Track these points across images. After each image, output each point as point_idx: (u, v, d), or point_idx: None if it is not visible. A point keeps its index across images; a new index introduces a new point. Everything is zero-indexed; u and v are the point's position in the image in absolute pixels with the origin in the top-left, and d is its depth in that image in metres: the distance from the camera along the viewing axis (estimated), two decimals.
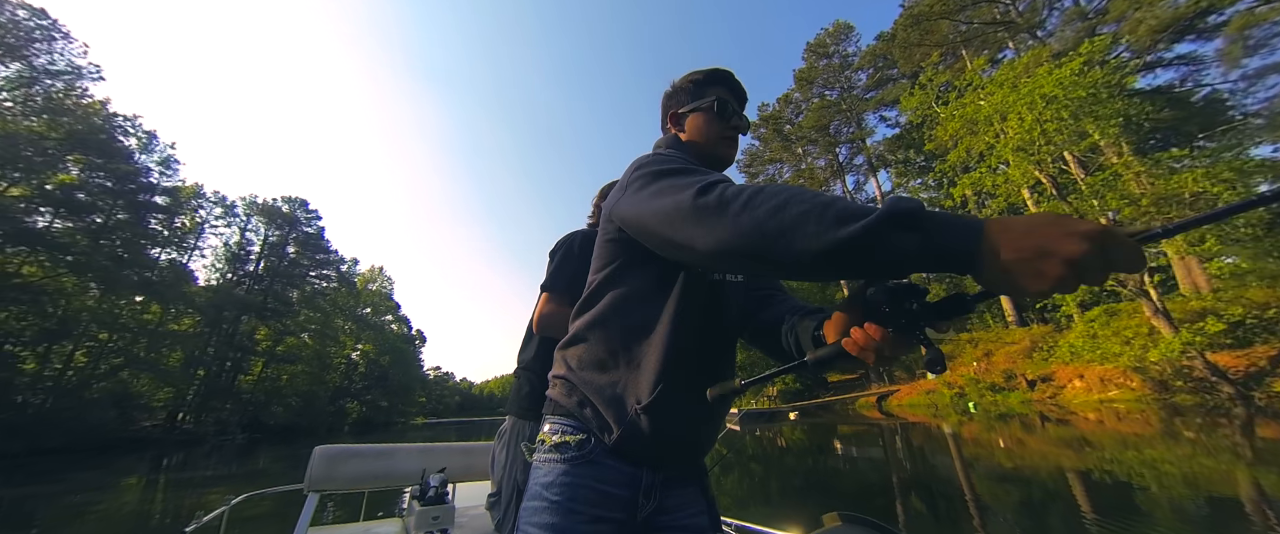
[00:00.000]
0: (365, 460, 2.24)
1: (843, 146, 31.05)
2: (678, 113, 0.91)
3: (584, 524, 0.67)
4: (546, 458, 0.74)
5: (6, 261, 19.45)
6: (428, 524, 1.92)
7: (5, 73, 19.03)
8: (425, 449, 2.41)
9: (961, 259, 0.43)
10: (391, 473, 2.27)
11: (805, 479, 7.31)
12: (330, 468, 2.17)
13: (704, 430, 0.80)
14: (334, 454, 2.22)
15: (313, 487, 2.11)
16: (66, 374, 22.44)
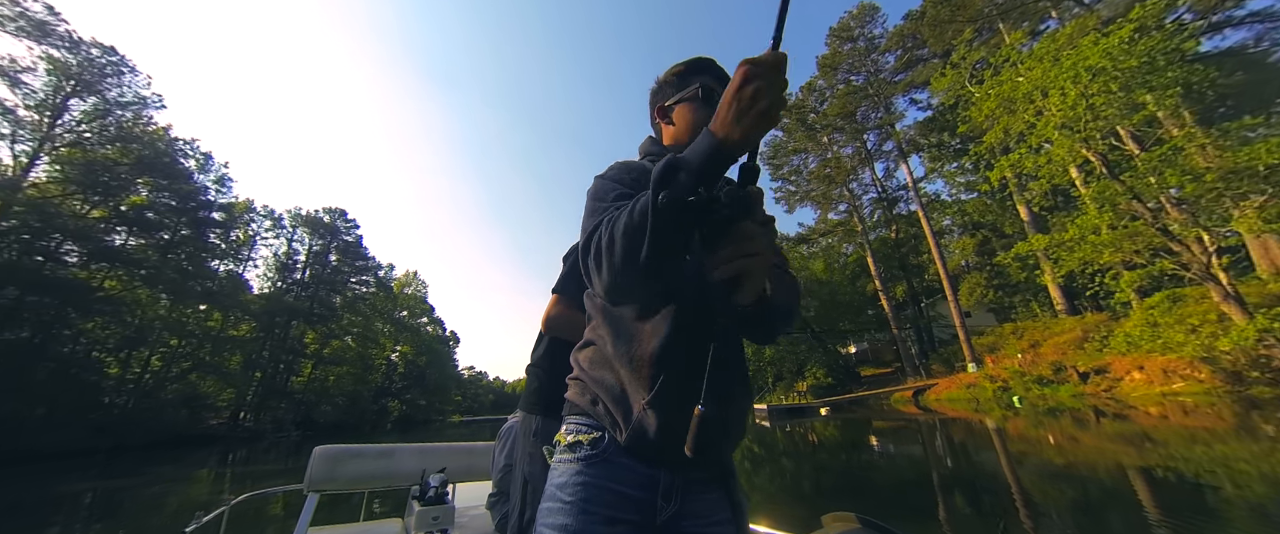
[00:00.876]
0: (365, 461, 2.22)
1: (871, 133, 29.92)
2: (665, 106, 0.90)
3: (598, 525, 0.65)
4: (561, 459, 0.74)
5: (91, 276, 21.54)
6: (428, 524, 1.90)
7: (83, 106, 21.01)
8: (425, 449, 2.39)
9: (715, 156, 0.55)
10: (391, 473, 2.25)
11: (839, 476, 7.16)
12: (330, 468, 2.15)
13: (715, 428, 0.71)
14: (334, 454, 2.20)
15: (313, 487, 2.10)
16: (144, 377, 24.66)
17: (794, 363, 29.52)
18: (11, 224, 18.80)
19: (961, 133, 16.98)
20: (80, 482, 10.97)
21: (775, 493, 6.12)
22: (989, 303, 26.17)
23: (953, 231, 30.57)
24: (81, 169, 20.54)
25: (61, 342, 20.75)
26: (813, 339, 28.99)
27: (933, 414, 14.87)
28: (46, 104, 19.90)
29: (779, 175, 32.97)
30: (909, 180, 26.53)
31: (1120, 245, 10.80)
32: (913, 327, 29.00)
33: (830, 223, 31.60)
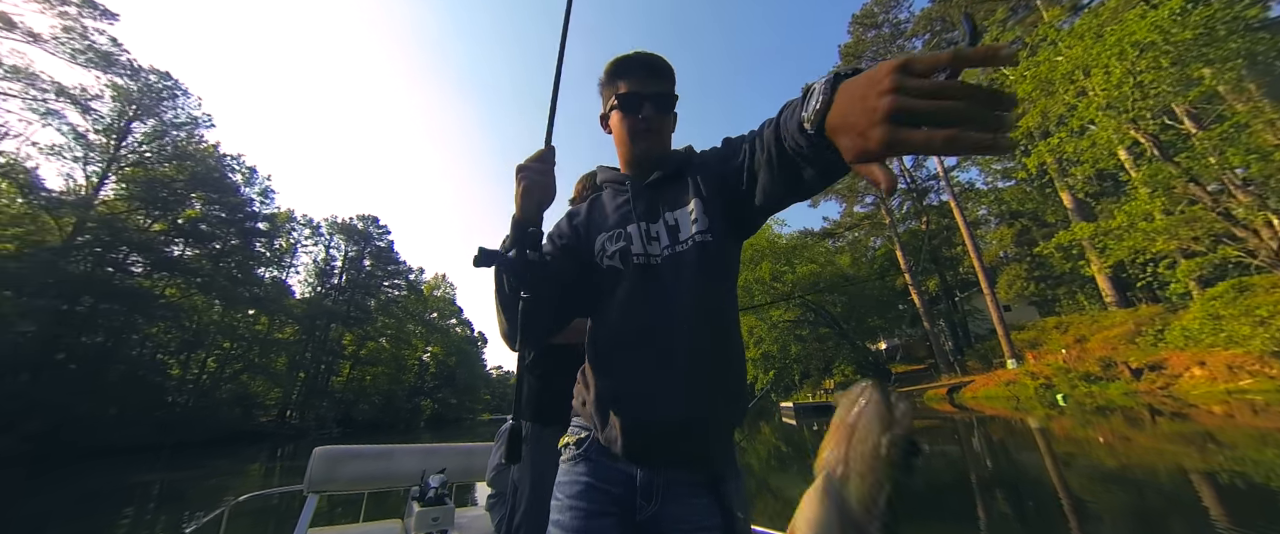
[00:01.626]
0: (365, 461, 2.21)
1: None
2: (603, 116, 0.91)
3: (584, 520, 0.69)
4: (562, 459, 0.79)
5: (154, 285, 23.31)
6: (428, 525, 1.90)
7: (144, 128, 22.74)
8: (425, 450, 2.39)
9: (517, 232, 0.78)
10: (391, 474, 2.24)
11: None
12: (330, 469, 2.14)
13: (675, 422, 0.71)
14: (334, 455, 2.18)
15: (313, 487, 2.09)
16: (202, 378, 26.52)
17: (821, 360, 28.87)
18: (86, 239, 20.55)
19: None
20: (149, 473, 11.94)
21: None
22: (1030, 296, 24.84)
23: (989, 222, 29.16)
24: (144, 186, 22.27)
25: (130, 345, 22.57)
26: (840, 336, 28.27)
27: (969, 412, 14.28)
28: (113, 128, 21.65)
29: None
30: (939, 170, 25.48)
31: (1176, 232, 10.06)
32: (946, 321, 27.85)
33: (856, 216, 30.71)
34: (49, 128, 18.80)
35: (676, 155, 0.88)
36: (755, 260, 29.62)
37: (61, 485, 10.34)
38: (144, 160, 22.78)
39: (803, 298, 28.47)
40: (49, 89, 18.06)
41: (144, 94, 21.93)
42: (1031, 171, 12.71)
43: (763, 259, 29.32)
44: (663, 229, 0.80)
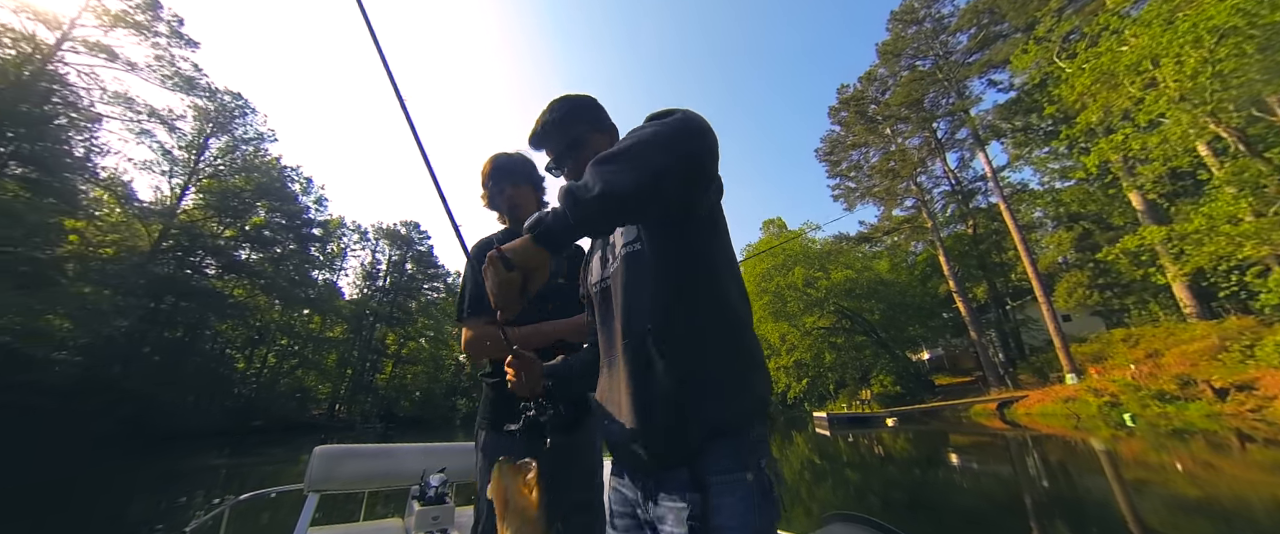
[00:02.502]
0: (365, 460, 2.20)
1: (941, 121, 27.44)
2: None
3: (617, 520, 0.79)
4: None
5: (224, 286, 25.58)
6: (428, 524, 1.89)
7: (218, 144, 25.12)
8: (425, 449, 2.37)
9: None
10: (391, 473, 2.23)
11: (912, 492, 6.68)
12: (330, 468, 2.12)
13: (632, 433, 0.71)
14: (334, 454, 2.16)
15: (313, 487, 2.08)
16: (263, 371, 28.78)
17: (857, 369, 27.73)
18: (169, 244, 22.85)
19: (1050, 114, 15.10)
20: (217, 458, 13.11)
21: (839, 507, 5.88)
22: (1093, 305, 22.87)
23: (1045, 225, 27.11)
24: (218, 196, 24.56)
25: (204, 340, 24.85)
26: (877, 344, 27.07)
27: (1022, 430, 13.31)
28: (193, 144, 24.05)
29: (836, 173, 31.31)
30: (988, 170, 24.01)
31: (1268, 236, 9.03)
32: (996, 332, 26.10)
33: (895, 220, 29.37)
34: (142, 145, 21.14)
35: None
36: (787, 266, 28.91)
37: (148, 465, 11.54)
38: (218, 173, 25.17)
39: (838, 304, 27.51)
40: (143, 111, 20.32)
41: (219, 113, 24.27)
42: (1091, 171, 11.76)
43: (795, 264, 28.59)
44: (609, 249, 0.83)
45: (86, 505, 6.71)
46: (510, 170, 1.45)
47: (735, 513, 0.61)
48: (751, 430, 0.69)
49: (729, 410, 0.68)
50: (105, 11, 18.52)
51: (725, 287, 0.75)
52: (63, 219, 16.65)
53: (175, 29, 20.17)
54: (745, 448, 0.67)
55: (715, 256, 0.75)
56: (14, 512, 6.38)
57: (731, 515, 0.61)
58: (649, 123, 0.65)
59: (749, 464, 0.65)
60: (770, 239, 33.84)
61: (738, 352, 0.73)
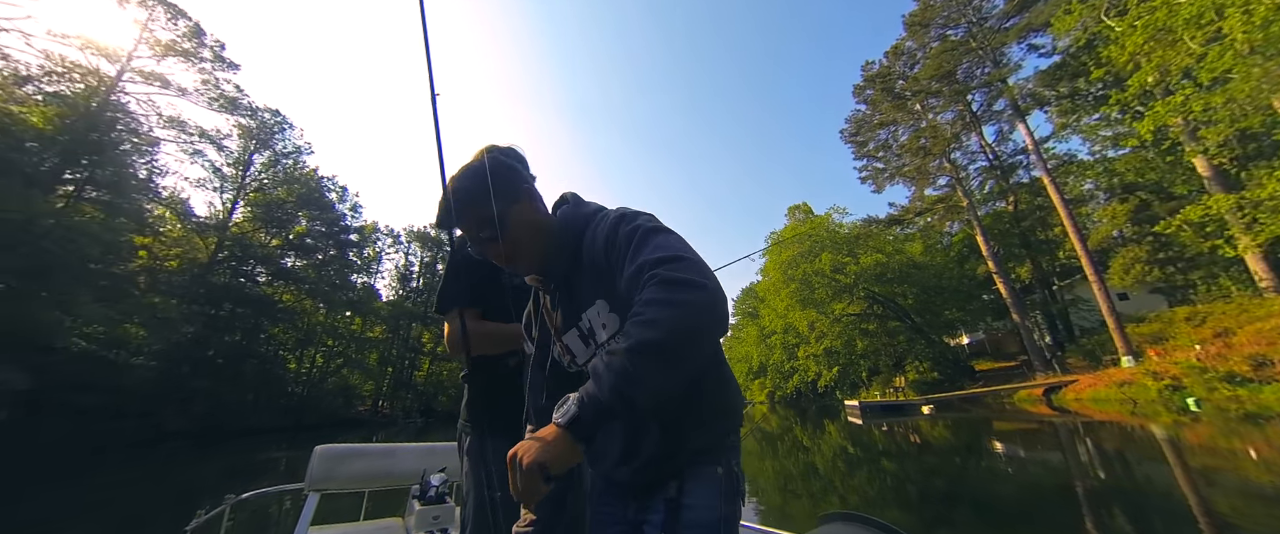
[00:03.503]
0: (366, 460, 2.21)
1: (976, 92, 25.89)
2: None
3: (602, 528, 0.83)
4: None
5: (274, 292, 27.32)
6: (428, 524, 1.88)
7: (262, 159, 26.69)
8: (426, 449, 2.38)
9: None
10: (392, 472, 2.23)
11: (952, 481, 6.50)
12: (331, 467, 2.12)
13: (600, 449, 0.83)
14: (335, 453, 2.16)
15: (313, 486, 2.08)
16: (312, 371, 30.67)
17: (891, 355, 26.92)
18: (225, 255, 24.56)
19: (1098, 78, 14.00)
20: (276, 451, 14.16)
21: (874, 497, 5.81)
22: (1153, 282, 21.24)
23: (1096, 197, 25.24)
24: (264, 209, 26.17)
25: (259, 343, 26.67)
26: (912, 330, 26.15)
27: (1072, 416, 12.64)
28: (239, 161, 25.64)
29: (863, 154, 30.14)
30: (1029, 142, 22.54)
31: None
32: (1042, 313, 24.69)
33: (928, 200, 28.08)
34: (195, 164, 22.72)
35: (565, 248, 0.80)
36: (814, 252, 28.23)
37: (216, 458, 12.62)
38: (263, 186, 26.79)
39: (868, 290, 26.70)
40: (194, 133, 21.81)
41: (261, 129, 25.75)
42: (1146, 138, 10.87)
43: (822, 250, 27.88)
44: (578, 340, 0.80)
45: (184, 492, 7.44)
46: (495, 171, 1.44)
47: (706, 497, 0.70)
48: (727, 438, 0.78)
49: (712, 434, 0.76)
50: (157, 42, 19.91)
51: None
52: (132, 236, 18.20)
53: (218, 53, 21.48)
54: (719, 449, 0.76)
55: None
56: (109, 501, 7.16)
57: (702, 497, 0.70)
58: (665, 285, 0.59)
59: (721, 461, 0.74)
60: (796, 225, 33.06)
61: (720, 384, 0.80)
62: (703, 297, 0.58)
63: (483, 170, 0.77)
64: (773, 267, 32.92)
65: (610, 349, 0.58)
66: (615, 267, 0.69)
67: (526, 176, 0.83)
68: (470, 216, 0.77)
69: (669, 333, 0.56)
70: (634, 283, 0.64)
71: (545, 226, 0.81)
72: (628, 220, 0.72)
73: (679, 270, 0.60)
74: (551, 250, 0.82)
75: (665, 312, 0.57)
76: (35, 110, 15.43)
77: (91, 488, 8.32)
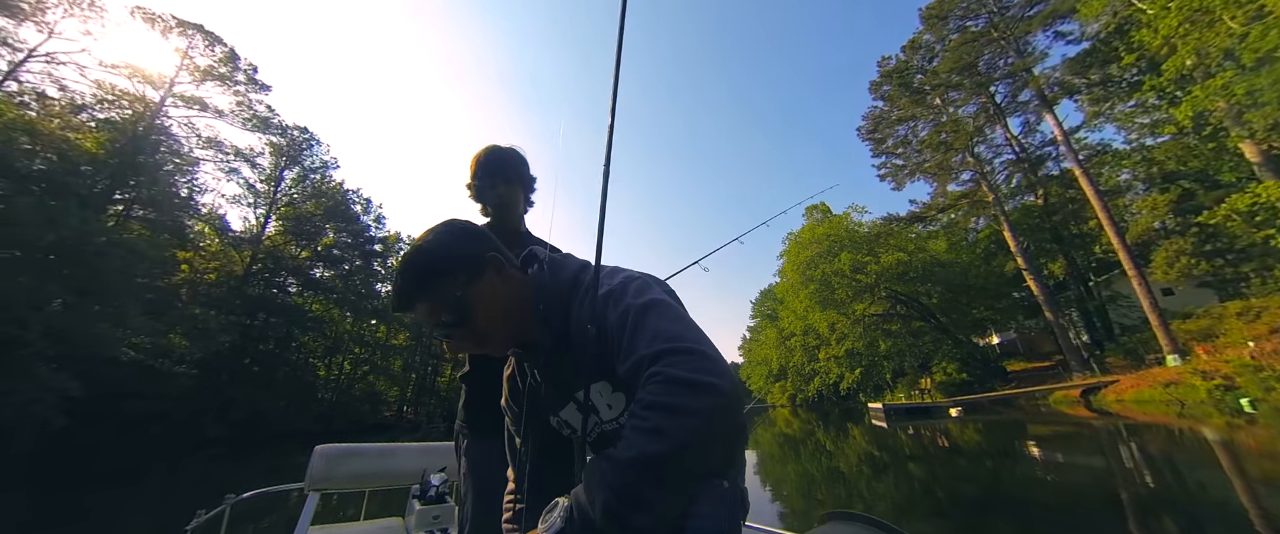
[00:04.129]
0: (366, 459, 2.20)
1: (1000, 84, 25.10)
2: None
3: None
4: None
5: (304, 302, 28.40)
6: (428, 524, 1.87)
7: (291, 174, 27.90)
8: (426, 448, 2.37)
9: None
10: (392, 472, 2.22)
11: (985, 486, 6.28)
12: (331, 467, 2.11)
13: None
14: (335, 453, 2.15)
15: (313, 485, 2.07)
16: (340, 377, 31.69)
17: (916, 356, 26.14)
18: (258, 267, 25.70)
19: (1129, 64, 13.38)
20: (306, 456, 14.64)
21: (901, 502, 5.66)
22: (1200, 275, 20.06)
23: (1135, 188, 24.02)
24: (294, 222, 27.31)
25: (291, 351, 27.75)
26: (937, 330, 25.36)
27: (1113, 418, 12.02)
28: (270, 177, 26.87)
29: (882, 150, 29.49)
30: (1058, 132, 21.69)
31: None
32: (1078, 311, 23.62)
33: (951, 196, 27.26)
34: (231, 182, 23.94)
35: (548, 323, 0.71)
36: (833, 252, 27.75)
37: (256, 460, 13.17)
38: (293, 201, 28.00)
39: (890, 289, 26.04)
40: (230, 152, 22.99)
41: (290, 147, 26.97)
42: (1184, 124, 10.32)
43: (841, 250, 27.38)
44: (576, 413, 0.70)
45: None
46: (502, 167, 1.38)
47: (709, 508, 0.65)
48: (732, 456, 0.72)
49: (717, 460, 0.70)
50: (196, 68, 21.13)
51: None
52: (175, 251, 19.25)
53: (251, 76, 22.64)
54: (724, 466, 0.69)
55: None
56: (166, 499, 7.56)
57: (706, 508, 0.65)
58: (669, 387, 0.51)
59: (726, 476, 0.69)
60: (814, 226, 32.53)
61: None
62: (714, 401, 0.49)
63: (437, 245, 0.68)
64: (791, 268, 32.45)
65: (608, 457, 0.51)
66: (611, 354, 0.60)
67: (490, 242, 0.72)
68: (426, 301, 0.66)
69: (677, 446, 0.48)
70: (633, 379, 0.55)
71: (517, 301, 0.71)
72: (616, 300, 0.62)
73: (685, 368, 0.51)
74: (527, 326, 0.71)
75: (671, 420, 0.48)
76: (89, 136, 16.55)
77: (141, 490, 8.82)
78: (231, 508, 2.05)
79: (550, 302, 0.70)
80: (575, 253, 0.83)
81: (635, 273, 0.70)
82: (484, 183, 1.38)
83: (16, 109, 14.72)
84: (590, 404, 0.66)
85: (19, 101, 15.19)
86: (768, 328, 50.58)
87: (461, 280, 0.67)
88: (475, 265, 0.69)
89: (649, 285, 0.65)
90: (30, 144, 14.29)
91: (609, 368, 0.63)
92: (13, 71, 15.08)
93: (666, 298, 0.63)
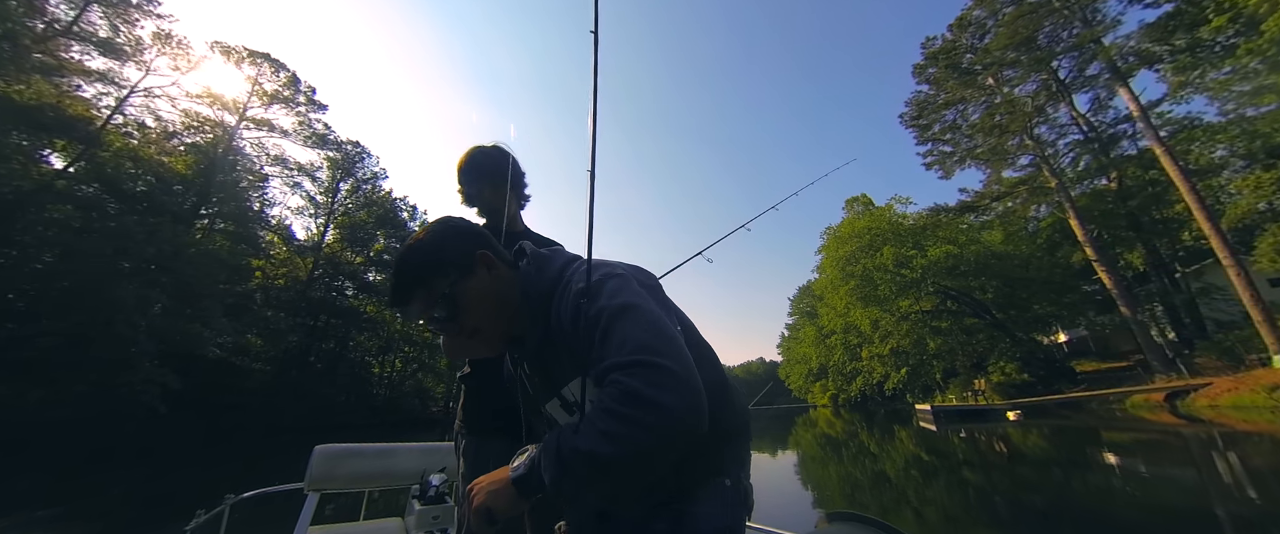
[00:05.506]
0: (366, 460, 2.19)
1: (1063, 58, 22.93)
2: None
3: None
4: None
5: (360, 304, 30.54)
6: (428, 524, 1.87)
7: (346, 186, 30.06)
8: (425, 448, 2.36)
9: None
10: (392, 472, 2.21)
11: (1054, 499, 5.71)
12: (331, 467, 2.10)
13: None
14: (334, 453, 2.14)
15: (313, 486, 2.07)
16: (392, 374, 33.87)
17: (969, 355, 24.52)
18: (320, 272, 27.89)
19: (1217, 27, 11.84)
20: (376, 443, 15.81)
21: (954, 512, 5.39)
22: None
23: (1232, 165, 21.21)
24: (349, 230, 29.42)
25: (349, 350, 29.97)
26: (993, 326, 23.66)
27: (1205, 425, 10.79)
28: (329, 189, 29.08)
29: (928, 138, 27.78)
30: (1134, 107, 19.58)
31: None
32: (1161, 305, 21.28)
33: (1007, 182, 25.26)
34: (295, 195, 26.14)
35: (534, 318, 0.71)
36: (874, 246, 26.51)
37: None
38: (348, 210, 30.18)
39: (938, 284, 24.55)
40: (294, 168, 25.10)
41: (345, 160, 29.10)
42: None
43: (884, 244, 26.09)
44: (561, 410, 0.74)
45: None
46: (484, 170, 1.35)
47: (709, 507, 0.67)
48: (733, 455, 0.73)
49: (712, 462, 0.70)
50: (264, 92, 23.24)
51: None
52: (250, 260, 21.28)
53: (310, 97, 24.62)
54: (725, 464, 0.71)
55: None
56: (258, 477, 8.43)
57: (706, 507, 0.66)
58: (626, 400, 0.52)
59: (728, 473, 0.70)
60: (855, 219, 31.18)
61: (723, 409, 0.72)
62: (666, 420, 0.51)
63: (428, 243, 0.70)
64: (829, 263, 31.31)
65: (566, 438, 0.55)
66: (585, 351, 0.62)
67: (482, 239, 0.74)
68: (419, 297, 0.69)
69: (623, 455, 0.51)
70: (602, 384, 0.57)
71: (508, 296, 0.73)
72: (592, 300, 0.62)
73: (646, 381, 0.52)
74: (516, 322, 0.73)
75: (622, 429, 0.51)
76: (179, 159, 18.62)
77: (228, 470, 9.88)
78: (231, 508, 2.04)
79: (534, 297, 0.71)
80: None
81: (617, 268, 0.69)
82: (470, 188, 1.37)
83: (124, 139, 16.79)
84: (576, 401, 0.66)
85: (125, 132, 17.32)
86: (806, 325, 49.04)
87: (452, 278, 0.69)
88: (466, 263, 0.70)
89: (625, 285, 0.65)
90: (134, 169, 16.27)
91: (588, 365, 0.63)
92: (119, 106, 17.20)
93: (641, 301, 0.62)
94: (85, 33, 15.86)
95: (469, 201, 1.39)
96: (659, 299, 0.69)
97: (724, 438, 0.72)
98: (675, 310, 0.74)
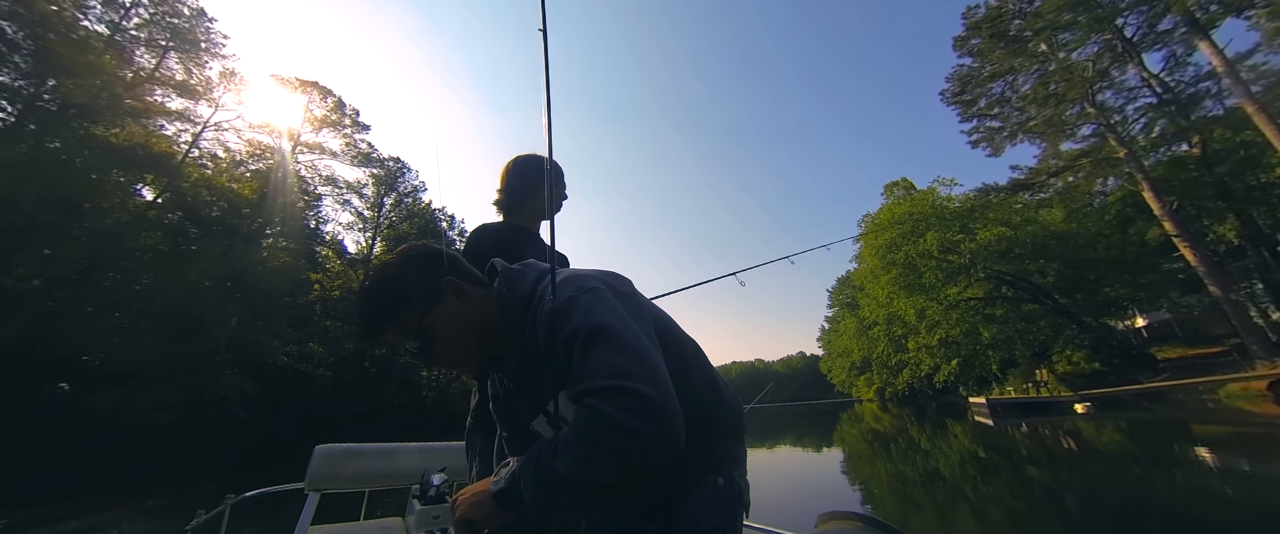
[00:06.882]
0: (366, 460, 2.19)
1: (1129, 14, 20.77)
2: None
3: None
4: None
5: None
6: (428, 524, 1.86)
7: (389, 200, 31.91)
8: (426, 449, 2.36)
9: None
10: (392, 472, 2.22)
11: (1135, 499, 5.18)
12: (331, 467, 2.10)
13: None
14: (335, 453, 2.14)
15: (313, 485, 2.07)
16: (439, 378, 35.60)
17: (1029, 344, 22.82)
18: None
19: None
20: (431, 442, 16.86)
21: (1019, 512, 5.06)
22: None
23: None
24: (394, 242, 31.19)
25: (398, 354, 31.74)
26: (1056, 312, 21.89)
27: None
28: (374, 204, 30.96)
29: (972, 113, 25.99)
30: (1218, 62, 17.48)
31: None
32: (1261, 282, 18.94)
33: (1067, 156, 23.18)
34: (345, 212, 28.03)
35: (512, 339, 0.70)
36: (917, 232, 25.14)
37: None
38: (392, 223, 32.03)
39: (990, 269, 22.97)
40: (343, 187, 26.93)
41: (387, 176, 30.89)
42: None
43: (927, 229, 24.70)
44: (547, 426, 0.71)
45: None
46: (514, 178, 1.45)
47: (704, 506, 0.67)
48: (727, 454, 0.74)
49: (704, 461, 0.71)
50: (314, 118, 25.06)
51: (691, 381, 0.71)
52: (309, 274, 23.06)
53: (355, 119, 26.33)
54: (719, 463, 0.72)
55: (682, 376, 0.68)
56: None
57: (700, 506, 0.67)
58: (599, 425, 0.52)
59: (722, 472, 0.71)
60: (894, 205, 29.68)
61: (714, 409, 0.73)
62: (640, 446, 0.51)
63: (392, 276, 0.69)
64: (868, 252, 30.00)
65: (543, 457, 0.56)
66: (563, 369, 0.61)
67: (446, 266, 0.72)
68: (390, 331, 0.69)
69: (598, 478, 0.52)
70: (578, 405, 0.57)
71: (481, 320, 0.71)
72: (563, 319, 0.61)
73: (621, 408, 0.52)
74: (495, 341, 0.73)
75: (597, 453, 0.51)
76: (245, 185, 20.44)
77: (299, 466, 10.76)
78: (231, 508, 2.06)
79: (508, 317, 0.69)
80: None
81: (588, 281, 0.66)
82: (507, 197, 1.45)
83: (200, 170, 18.65)
84: (561, 417, 0.66)
85: (201, 164, 19.23)
86: (847, 317, 47.25)
87: (418, 310, 0.68)
88: (430, 293, 0.69)
89: (597, 301, 0.62)
90: (209, 196, 18.03)
91: (566, 383, 0.63)
92: (195, 141, 19.12)
93: (615, 319, 0.60)
94: (165, 77, 17.75)
95: (501, 209, 1.46)
96: (633, 307, 0.66)
97: (717, 437, 0.72)
98: (652, 311, 0.74)
